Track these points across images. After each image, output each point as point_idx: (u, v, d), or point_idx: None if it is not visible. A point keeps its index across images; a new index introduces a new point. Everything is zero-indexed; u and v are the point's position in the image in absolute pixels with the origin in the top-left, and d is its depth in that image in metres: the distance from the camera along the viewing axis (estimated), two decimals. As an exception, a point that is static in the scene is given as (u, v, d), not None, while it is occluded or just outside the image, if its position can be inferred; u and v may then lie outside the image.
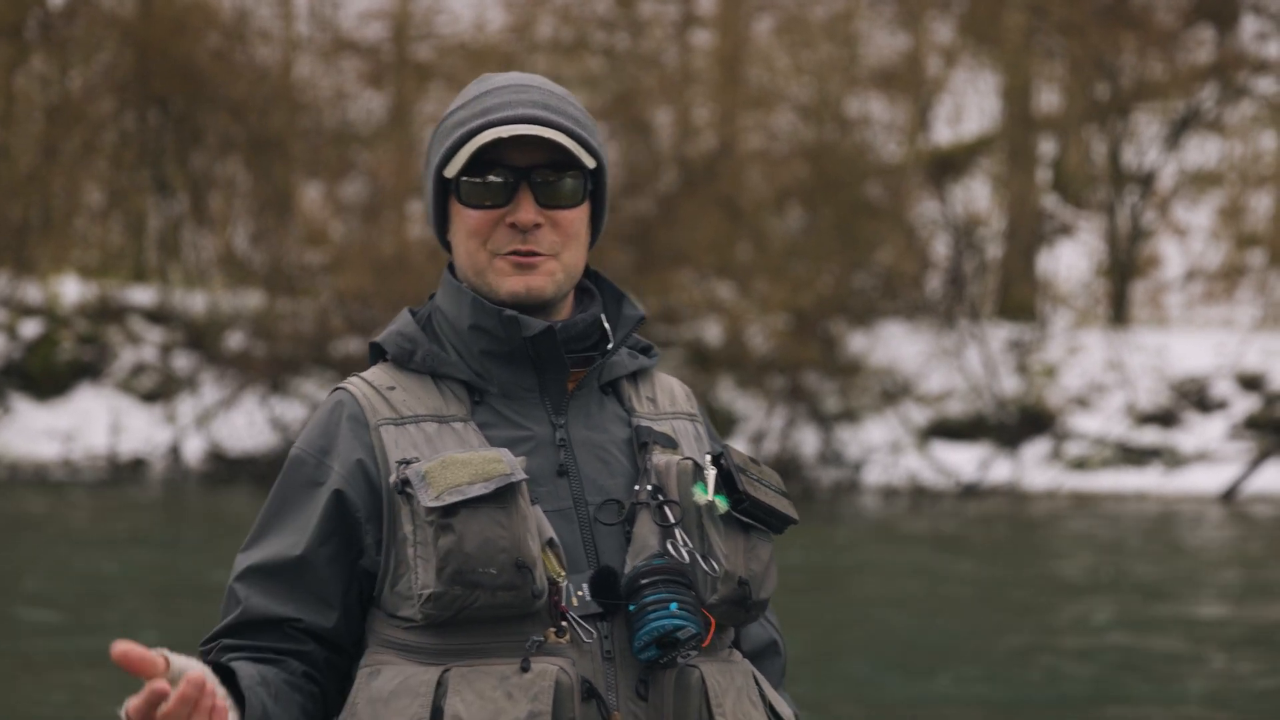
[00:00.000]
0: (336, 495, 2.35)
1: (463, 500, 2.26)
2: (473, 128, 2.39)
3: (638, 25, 22.90)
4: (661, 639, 2.27)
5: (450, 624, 2.29)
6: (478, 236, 2.40)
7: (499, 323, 2.38)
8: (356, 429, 2.37)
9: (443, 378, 2.42)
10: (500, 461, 2.29)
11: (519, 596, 2.26)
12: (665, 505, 2.35)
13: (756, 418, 20.37)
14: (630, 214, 21.74)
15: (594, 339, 2.46)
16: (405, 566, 2.31)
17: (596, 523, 2.36)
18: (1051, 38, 22.33)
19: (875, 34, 22.64)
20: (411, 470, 2.30)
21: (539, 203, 2.40)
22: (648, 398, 2.50)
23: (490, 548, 2.26)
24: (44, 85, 23.29)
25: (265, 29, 23.68)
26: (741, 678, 2.38)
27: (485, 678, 2.26)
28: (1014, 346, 21.14)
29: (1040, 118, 23.14)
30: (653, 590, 2.28)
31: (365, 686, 2.32)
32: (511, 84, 2.44)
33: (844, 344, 20.74)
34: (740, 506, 2.37)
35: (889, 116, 22.51)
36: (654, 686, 2.30)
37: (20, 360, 21.67)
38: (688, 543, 2.33)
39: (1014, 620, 11.30)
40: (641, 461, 2.40)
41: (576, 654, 2.29)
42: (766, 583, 2.40)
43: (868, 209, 21.21)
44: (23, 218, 22.42)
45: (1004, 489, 19.65)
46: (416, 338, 2.43)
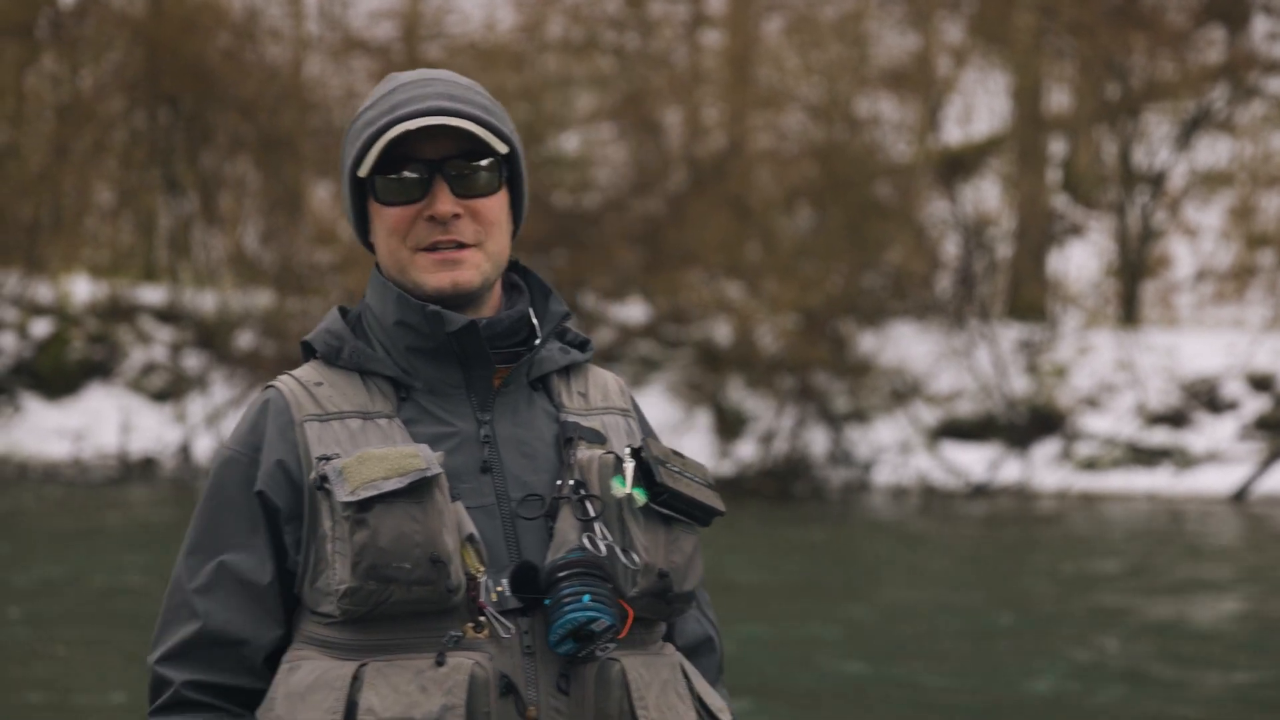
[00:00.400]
0: (260, 497, 2.37)
1: (377, 495, 2.27)
2: (380, 125, 2.39)
3: (647, 25, 22.90)
4: (576, 632, 2.27)
5: (368, 619, 2.30)
6: (397, 234, 2.40)
7: (423, 318, 2.39)
8: (282, 426, 2.39)
9: (370, 374, 2.42)
10: (417, 457, 2.30)
11: (434, 591, 2.27)
12: (586, 499, 2.35)
13: (766, 418, 20.36)
14: (640, 213, 21.74)
15: (522, 335, 2.46)
16: (325, 563, 2.32)
17: (518, 518, 2.36)
18: (1062, 38, 22.31)
19: (885, 34, 22.63)
20: (329, 467, 2.32)
21: (455, 193, 2.40)
22: (579, 393, 2.50)
23: (404, 542, 2.27)
24: (55, 84, 23.33)
25: (275, 28, 23.70)
26: (668, 670, 2.38)
27: (401, 672, 2.27)
28: (1024, 347, 21.12)
29: (1050, 118, 23.11)
30: (568, 584, 2.28)
31: (284, 681, 2.33)
32: (417, 79, 2.45)
33: (853, 344, 20.72)
34: (659, 499, 2.37)
35: (899, 116, 22.50)
36: (575, 681, 2.31)
37: (31, 359, 21.70)
38: (607, 536, 2.33)
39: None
40: (566, 457, 2.40)
41: (496, 649, 2.29)
42: (689, 575, 2.39)
43: (877, 209, 21.19)
44: (33, 217, 22.45)
45: (1014, 489, 19.62)
46: (343, 335, 2.44)
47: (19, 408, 21.33)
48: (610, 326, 21.76)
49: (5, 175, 22.54)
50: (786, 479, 19.92)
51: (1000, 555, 15.08)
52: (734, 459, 20.16)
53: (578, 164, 22.77)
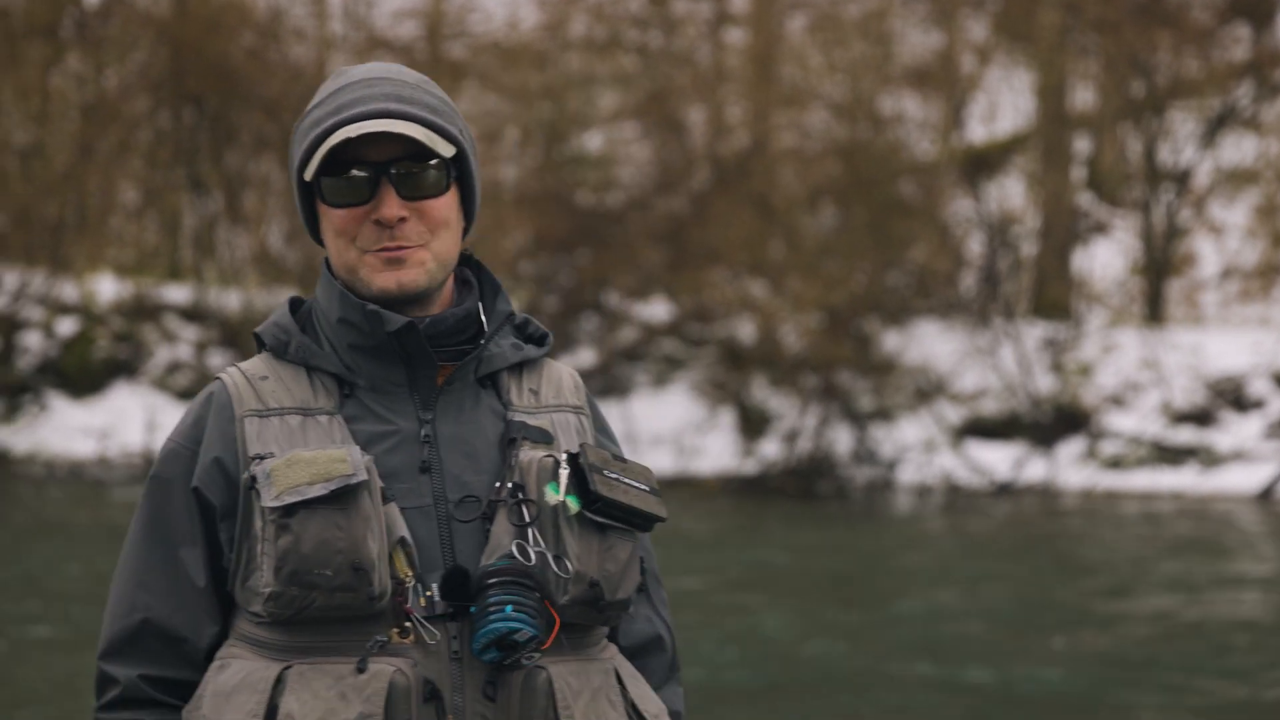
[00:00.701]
0: (195, 493, 2.37)
1: (300, 501, 2.27)
2: (326, 127, 2.37)
3: (671, 23, 22.89)
4: (499, 641, 2.27)
5: (295, 621, 2.30)
6: (345, 235, 2.39)
7: (363, 317, 2.38)
8: (222, 421, 2.38)
9: (315, 370, 2.42)
10: (344, 461, 2.29)
11: (356, 598, 2.27)
12: (523, 504, 2.34)
13: (790, 416, 20.35)
14: (663, 212, 21.73)
15: (470, 332, 2.44)
16: (254, 563, 2.32)
17: (455, 520, 2.35)
18: (1086, 35, 22.25)
19: (909, 32, 22.59)
20: (259, 469, 2.31)
21: (402, 195, 2.37)
22: (530, 390, 2.48)
23: (326, 549, 2.26)
24: (80, 84, 23.39)
25: (299, 28, 23.74)
26: (600, 677, 2.37)
27: (322, 677, 2.27)
28: (1048, 345, 21.07)
29: (1075, 115, 23.06)
30: (493, 592, 2.28)
31: (213, 679, 2.33)
32: (364, 78, 2.41)
33: (877, 342, 20.69)
34: (592, 507, 2.35)
35: (923, 114, 22.46)
36: (502, 687, 2.31)
37: (57, 358, 21.77)
38: (539, 543, 2.32)
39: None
40: (508, 457, 2.38)
41: (421, 655, 2.29)
42: (624, 583, 2.37)
43: (901, 207, 21.16)
44: (59, 216, 22.52)
45: (1038, 488, 19.58)
46: (290, 329, 2.43)
47: (45, 406, 21.40)
48: (634, 325, 21.76)
49: (31, 175, 22.61)
50: (810, 478, 19.91)
51: (1026, 553, 15.05)
52: (758, 458, 20.15)
53: (601, 163, 22.77)
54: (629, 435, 20.60)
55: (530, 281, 21.98)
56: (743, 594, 12.33)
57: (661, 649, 2.55)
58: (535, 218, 21.60)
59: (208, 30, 21.99)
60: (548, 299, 21.76)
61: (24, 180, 22.57)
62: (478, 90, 23.43)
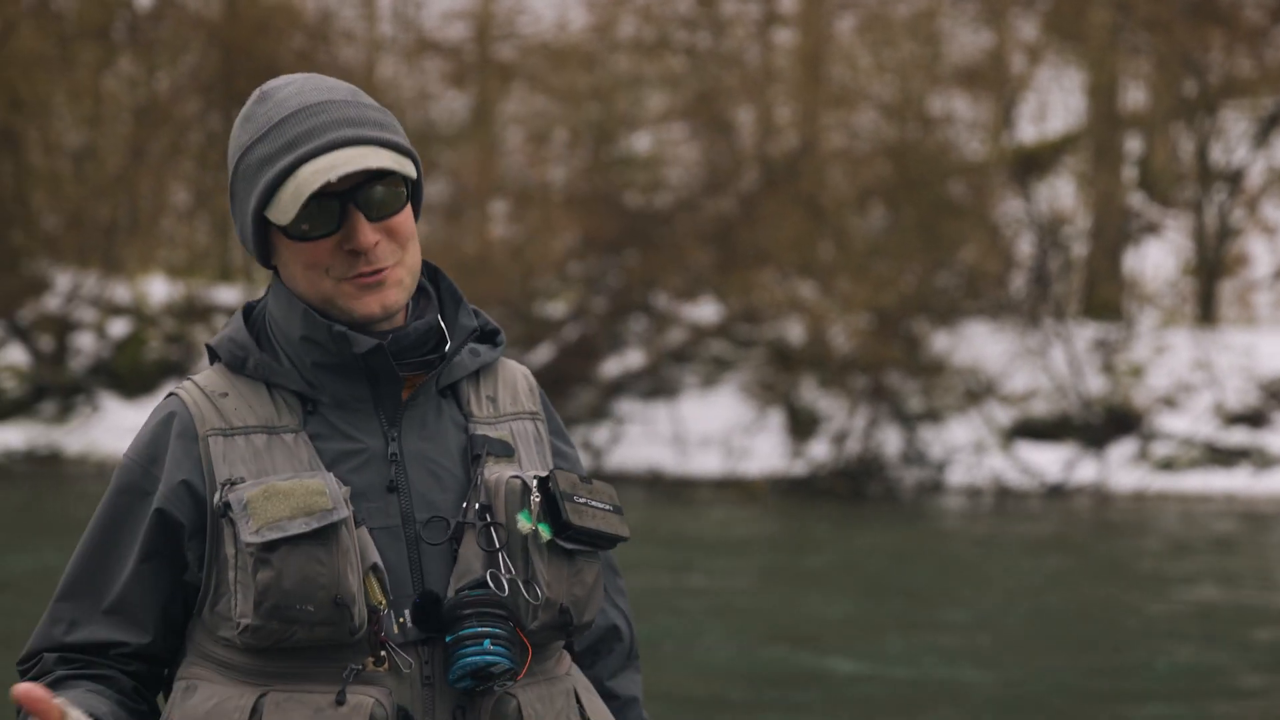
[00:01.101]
0: (159, 514, 2.33)
1: (283, 538, 2.24)
2: (285, 166, 2.30)
3: (719, 24, 22.87)
4: (475, 673, 2.27)
5: (270, 650, 2.28)
6: (318, 267, 2.33)
7: (330, 338, 2.34)
8: (185, 442, 2.34)
9: (276, 386, 2.37)
10: (323, 494, 2.26)
11: (337, 632, 2.25)
12: (492, 527, 2.32)
13: (839, 417, 20.29)
14: (712, 213, 21.71)
15: (431, 343, 2.40)
16: (226, 588, 2.29)
17: (423, 542, 2.33)
18: (1137, 34, 22.13)
19: (958, 31, 22.51)
20: (234, 496, 2.27)
21: (371, 220, 2.32)
22: (488, 397, 2.45)
23: (309, 585, 2.24)
24: (131, 86, 23.54)
25: (349, 30, 23.83)
26: (562, 699, 2.37)
27: (300, 708, 2.25)
28: (1099, 346, 20.96)
29: (1126, 115, 22.94)
30: (469, 624, 2.27)
31: (180, 703, 2.31)
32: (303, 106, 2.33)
33: (927, 343, 20.63)
34: (564, 535, 2.34)
35: (972, 115, 22.38)
36: (471, 712, 2.30)
37: (109, 359, 21.92)
38: (510, 569, 2.31)
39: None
40: (473, 475, 2.36)
41: (395, 682, 2.28)
42: (590, 605, 2.38)
43: (951, 208, 21.08)
44: (111, 218, 22.67)
45: (1089, 490, 19.48)
46: (247, 346, 2.38)
47: (97, 407, 21.54)
48: (682, 326, 21.75)
49: (83, 177, 22.77)
50: (859, 479, 19.85)
51: (1080, 555, 14.97)
52: (806, 459, 20.11)
53: (649, 164, 22.77)
54: (677, 436, 20.59)
55: (579, 282, 22.00)
56: (791, 595, 12.30)
57: (619, 639, 2.56)
58: (584, 219, 21.62)
59: (258, 32, 22.09)
60: (596, 300, 21.77)
61: (77, 182, 22.74)
62: (526, 91, 23.47)
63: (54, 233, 22.61)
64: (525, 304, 21.62)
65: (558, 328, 21.79)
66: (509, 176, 23.04)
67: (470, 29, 23.97)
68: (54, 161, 22.87)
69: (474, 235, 22.41)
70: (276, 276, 2.40)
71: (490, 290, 21.12)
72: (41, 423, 21.38)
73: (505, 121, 23.63)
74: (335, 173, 2.28)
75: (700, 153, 22.32)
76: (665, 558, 13.52)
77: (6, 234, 22.16)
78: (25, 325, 22.11)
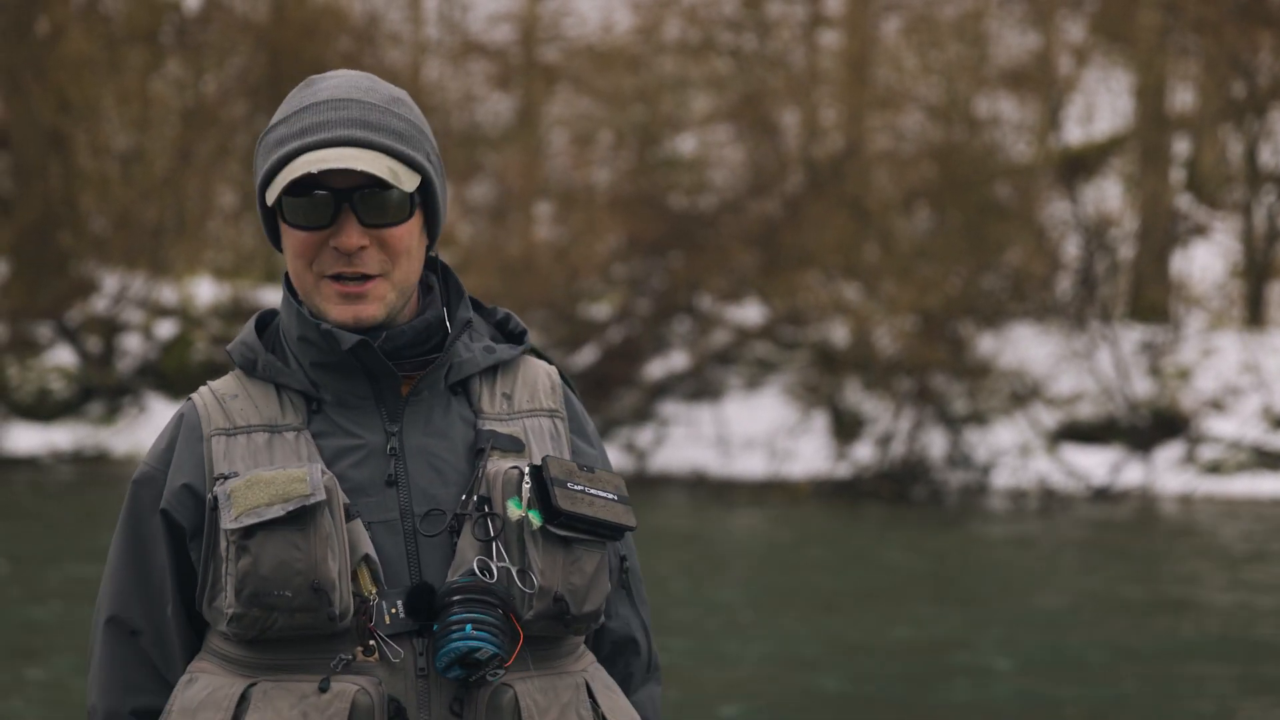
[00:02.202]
0: (164, 515, 2.38)
1: (259, 523, 2.26)
2: (289, 150, 2.34)
3: (765, 26, 22.84)
4: (461, 659, 2.26)
5: (259, 640, 2.30)
6: (303, 258, 2.36)
7: (319, 336, 2.37)
8: (191, 441, 2.39)
9: (283, 387, 2.41)
10: (302, 481, 2.28)
11: (317, 618, 2.26)
12: (488, 518, 2.32)
13: (884, 420, 20.24)
14: (756, 215, 21.69)
15: (435, 340, 2.41)
16: (219, 583, 2.33)
17: (420, 535, 2.33)
18: (1186, 36, 21.99)
19: (1005, 33, 22.41)
20: (221, 489, 2.31)
21: (363, 223, 2.34)
22: (503, 394, 2.44)
23: (285, 570, 2.26)
24: (179, 89, 23.68)
25: (395, 32, 23.91)
26: (570, 692, 2.35)
27: (285, 695, 2.27)
28: (1146, 348, 20.84)
29: (1174, 117, 22.79)
30: (455, 610, 2.26)
31: (180, 694, 2.35)
32: (332, 98, 2.36)
33: (972, 346, 20.54)
34: (555, 521, 2.33)
35: (1019, 116, 22.28)
36: (468, 705, 2.30)
37: (156, 360, 22.04)
38: (504, 558, 2.30)
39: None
40: (476, 468, 2.36)
41: (386, 672, 2.28)
42: (590, 595, 2.35)
43: (997, 210, 21.00)
44: (158, 220, 22.80)
45: (1136, 493, 19.37)
46: (256, 348, 2.43)
47: (144, 408, 21.67)
48: (726, 328, 21.73)
49: (131, 179, 22.91)
50: (904, 481, 19.79)
51: (1125, 560, 14.89)
52: (851, 461, 20.06)
53: (694, 166, 22.76)
54: (721, 438, 20.57)
55: (623, 284, 22.00)
56: (837, 598, 12.28)
57: (636, 650, 2.53)
58: (628, 221, 21.62)
59: (304, 35, 22.18)
60: (640, 301, 21.78)
61: (125, 184, 22.88)
62: (571, 94, 23.49)
63: (102, 235, 22.76)
64: (569, 306, 21.63)
65: (602, 329, 21.80)
66: (554, 179, 23.07)
67: (515, 31, 24.02)
68: (102, 164, 23.02)
69: (519, 237, 22.45)
70: (287, 278, 2.43)
71: (534, 292, 21.16)
72: (89, 423, 21.52)
73: (550, 124, 23.66)
74: (316, 166, 2.30)
75: (745, 155, 22.30)
76: (705, 558, 13.50)
77: (55, 236, 22.33)
78: (73, 327, 22.27)
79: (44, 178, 22.45)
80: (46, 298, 21.96)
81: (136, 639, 2.40)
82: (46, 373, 21.93)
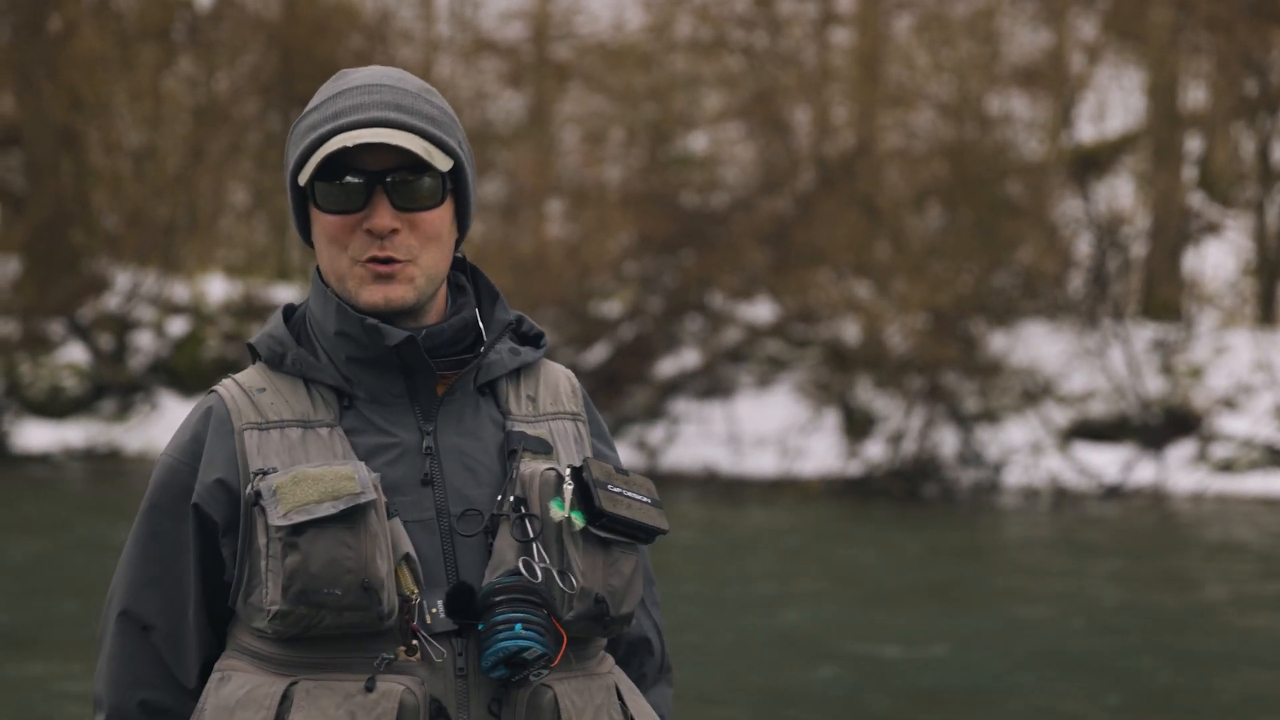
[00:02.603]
0: (195, 509, 2.36)
1: (310, 520, 2.25)
2: (323, 133, 2.35)
3: (776, 24, 22.83)
4: (508, 659, 2.26)
5: (301, 638, 2.28)
6: (336, 242, 2.36)
7: (361, 331, 2.35)
8: (221, 435, 2.37)
9: (313, 381, 2.39)
10: (352, 479, 2.27)
11: (366, 617, 2.25)
12: (526, 518, 2.32)
13: (895, 418, 20.22)
14: (768, 213, 21.67)
15: (468, 340, 2.41)
16: (258, 579, 2.30)
17: (457, 534, 2.33)
18: (1198, 33, 21.96)
19: (1017, 31, 22.39)
20: (265, 484, 2.29)
21: (395, 206, 2.34)
22: (528, 396, 2.45)
23: (336, 569, 2.25)
24: (191, 87, 23.70)
25: (407, 30, 23.92)
26: (602, 694, 2.36)
27: (330, 695, 2.26)
28: (1158, 347, 20.81)
29: (1186, 114, 22.76)
30: (501, 610, 2.26)
31: (214, 692, 2.33)
32: (365, 84, 2.38)
33: (984, 344, 20.52)
34: (597, 523, 2.33)
35: (1030, 114, 22.25)
36: (507, 705, 2.29)
37: (168, 358, 22.07)
38: (544, 559, 2.31)
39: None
40: (509, 470, 2.36)
41: (428, 672, 2.28)
42: (628, 597, 2.36)
43: (1008, 208, 20.97)
44: (170, 217, 22.82)
45: (1147, 491, 19.34)
46: (285, 341, 2.41)
47: (156, 405, 21.69)
48: (738, 326, 21.72)
49: (143, 177, 22.94)
50: (915, 480, 19.77)
51: (1138, 558, 14.87)
52: (862, 459, 20.04)
53: (705, 163, 22.76)
54: (732, 436, 20.56)
55: (634, 282, 22.00)
56: (850, 598, 12.27)
57: (650, 650, 2.54)
58: (639, 218, 21.62)
59: (316, 33, 22.19)
60: (652, 299, 21.77)
61: (137, 182, 22.91)
62: (583, 91, 23.49)
63: (114, 232, 22.78)
64: (581, 303, 21.63)
65: (613, 327, 21.80)
66: (565, 176, 23.07)
67: (527, 29, 24.02)
68: (114, 161, 23.05)
69: (530, 235, 22.45)
70: (318, 272, 2.42)
71: (546, 290, 21.16)
72: (101, 420, 21.55)
73: (562, 121, 23.66)
74: (352, 140, 2.31)
75: (756, 152, 22.29)
76: (721, 555, 13.50)
77: (67, 233, 22.36)
78: (85, 324, 22.30)
79: (56, 175, 22.48)
80: (58, 295, 22.00)
81: (149, 634, 2.38)
82: (58, 370, 21.97)
